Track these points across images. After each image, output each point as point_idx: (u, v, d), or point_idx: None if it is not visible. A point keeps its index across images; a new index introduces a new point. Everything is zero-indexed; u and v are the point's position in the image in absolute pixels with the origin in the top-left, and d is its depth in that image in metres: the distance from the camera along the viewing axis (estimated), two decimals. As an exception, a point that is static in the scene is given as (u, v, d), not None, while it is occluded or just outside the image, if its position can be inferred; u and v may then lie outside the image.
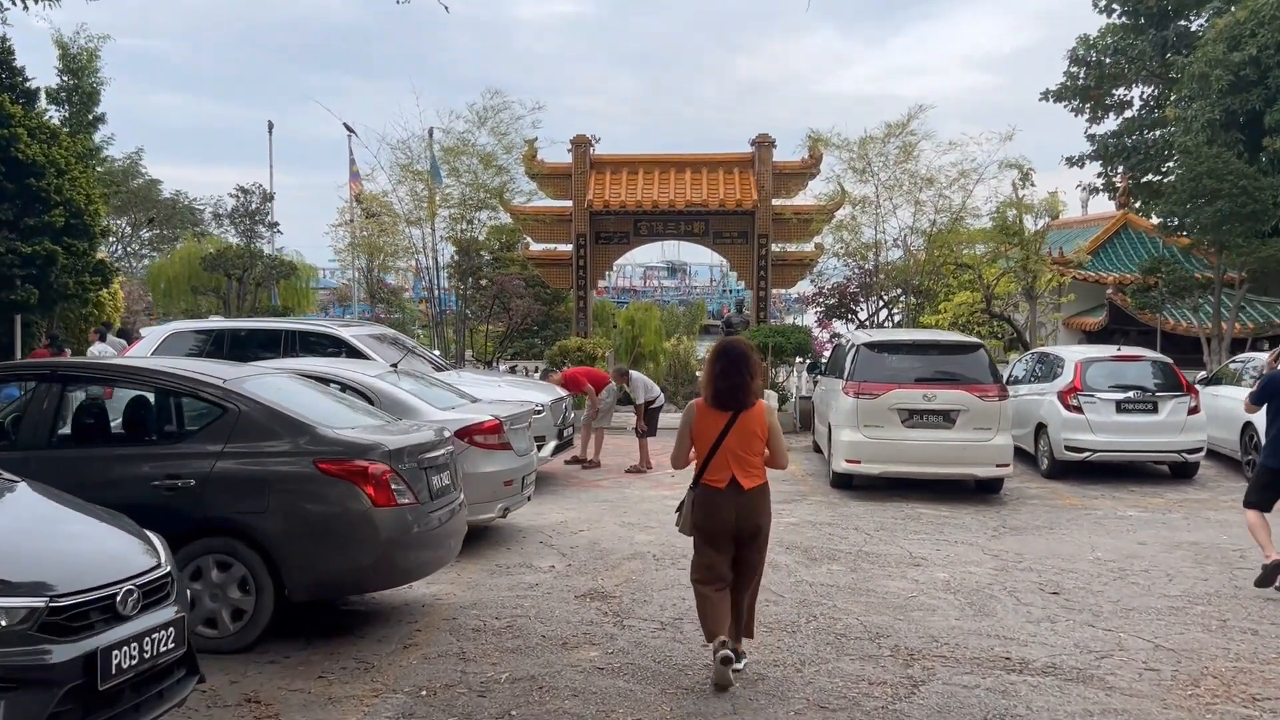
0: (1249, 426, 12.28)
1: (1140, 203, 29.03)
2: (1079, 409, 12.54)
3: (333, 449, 6.05)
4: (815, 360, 17.60)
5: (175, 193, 36.04)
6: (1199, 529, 9.90)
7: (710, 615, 5.53)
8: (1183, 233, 22.10)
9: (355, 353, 11.84)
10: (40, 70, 49.35)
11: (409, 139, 22.76)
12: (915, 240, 21.32)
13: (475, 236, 23.23)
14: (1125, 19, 29.93)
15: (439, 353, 18.66)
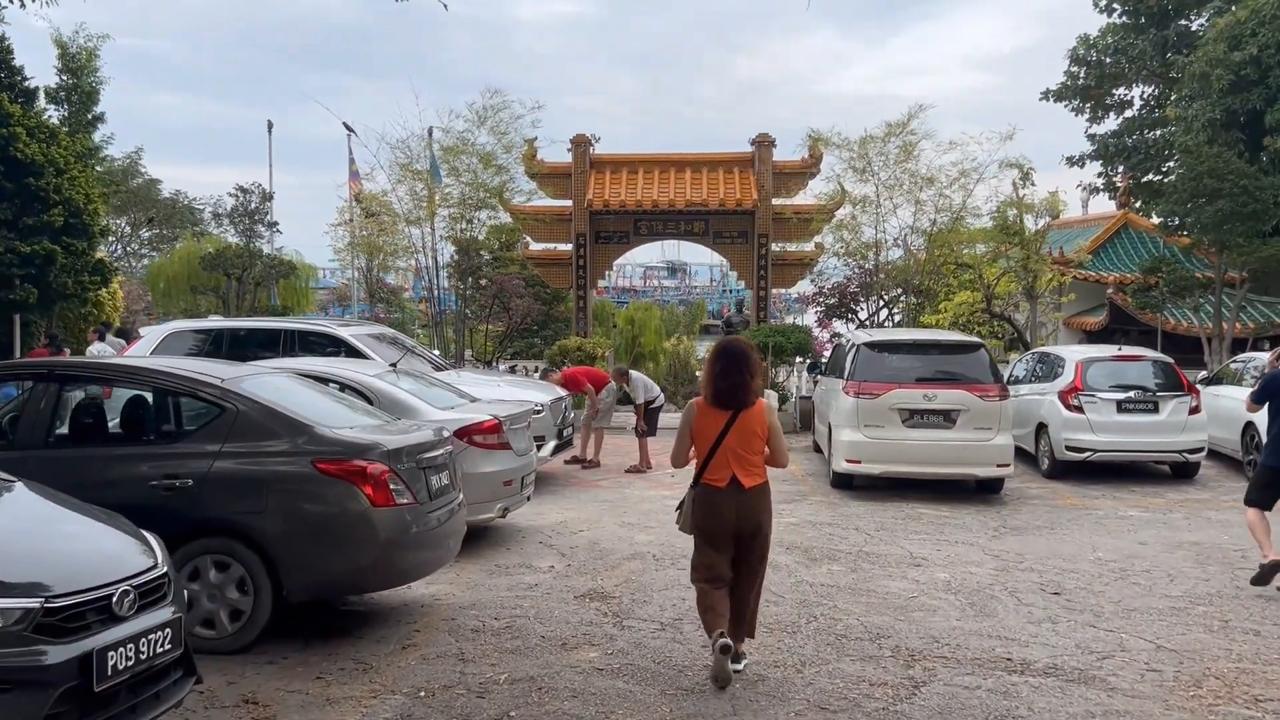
0: (1250, 426, 12.27)
1: (1141, 202, 29.01)
2: (1080, 409, 12.52)
3: (331, 449, 6.03)
4: (815, 360, 17.58)
5: (175, 192, 36.16)
6: (1200, 529, 9.88)
7: (710, 612, 5.52)
8: (1183, 232, 22.11)
9: (354, 352, 11.83)
10: (39, 69, 49.44)
11: (408, 138, 22.83)
12: (915, 240, 21.32)
13: (475, 236, 23.22)
14: (1126, 19, 29.93)
15: (438, 352, 18.65)
